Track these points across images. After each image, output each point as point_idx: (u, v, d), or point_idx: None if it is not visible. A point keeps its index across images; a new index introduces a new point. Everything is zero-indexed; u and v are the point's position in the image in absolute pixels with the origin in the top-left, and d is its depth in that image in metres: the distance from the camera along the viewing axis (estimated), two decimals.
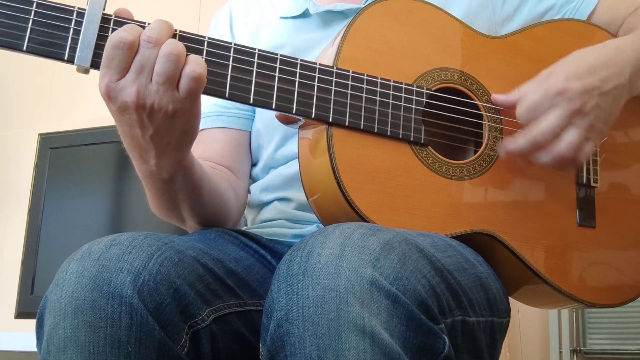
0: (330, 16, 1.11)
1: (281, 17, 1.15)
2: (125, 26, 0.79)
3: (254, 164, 1.17)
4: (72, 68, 0.79)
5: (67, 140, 2.22)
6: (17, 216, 2.52)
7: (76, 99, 2.88)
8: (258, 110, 1.14)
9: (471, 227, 0.94)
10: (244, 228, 1.13)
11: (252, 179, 1.17)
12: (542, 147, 0.94)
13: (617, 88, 0.97)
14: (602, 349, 2.04)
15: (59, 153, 2.19)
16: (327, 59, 0.93)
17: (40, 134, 2.24)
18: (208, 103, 1.13)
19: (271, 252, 1.02)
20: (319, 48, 1.02)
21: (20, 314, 2.09)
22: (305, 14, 1.13)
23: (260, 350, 0.74)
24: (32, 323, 0.80)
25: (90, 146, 2.20)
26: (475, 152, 1.00)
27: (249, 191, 1.16)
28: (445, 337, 0.75)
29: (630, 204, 1.08)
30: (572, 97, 0.93)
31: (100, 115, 2.53)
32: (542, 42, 1.06)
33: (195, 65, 0.80)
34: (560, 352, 2.03)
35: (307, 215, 1.06)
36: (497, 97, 0.99)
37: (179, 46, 0.79)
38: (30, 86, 3.03)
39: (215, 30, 1.21)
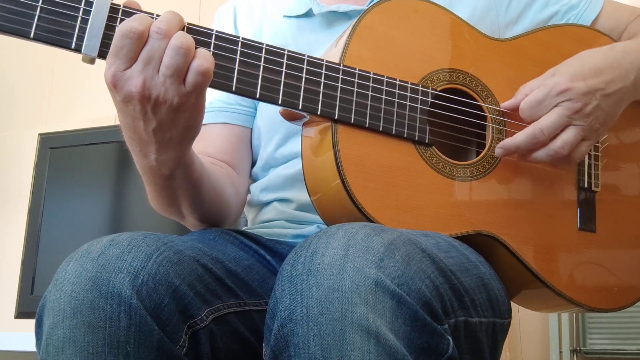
0: (333, 17, 1.11)
1: (284, 16, 1.15)
2: (135, 16, 0.79)
3: (253, 162, 1.16)
4: (72, 68, 0.79)
5: (67, 140, 2.22)
6: (17, 216, 2.52)
7: (76, 99, 2.88)
8: (260, 107, 1.13)
9: (473, 228, 0.94)
10: (244, 228, 1.12)
11: (252, 178, 1.17)
12: (539, 144, 0.94)
13: (621, 90, 0.98)
14: (602, 349, 2.03)
15: (59, 153, 2.19)
16: (332, 58, 0.92)
17: (40, 134, 2.24)
18: (210, 98, 1.13)
19: (271, 252, 1.02)
20: (322, 49, 1.02)
21: (20, 313, 2.09)
22: (308, 14, 1.12)
23: (264, 350, 0.74)
24: (32, 323, 0.79)
25: (90, 146, 2.20)
26: (478, 153, 1.00)
27: (249, 190, 1.16)
28: (449, 337, 0.75)
29: (630, 209, 1.08)
30: (575, 97, 0.94)
31: (100, 115, 2.54)
32: (546, 46, 1.06)
33: (204, 59, 0.79)
34: (560, 352, 2.03)
35: (307, 215, 1.05)
36: (506, 104, 0.99)
37: (189, 40, 0.79)
38: (30, 86, 3.03)
39: (219, 25, 1.20)
